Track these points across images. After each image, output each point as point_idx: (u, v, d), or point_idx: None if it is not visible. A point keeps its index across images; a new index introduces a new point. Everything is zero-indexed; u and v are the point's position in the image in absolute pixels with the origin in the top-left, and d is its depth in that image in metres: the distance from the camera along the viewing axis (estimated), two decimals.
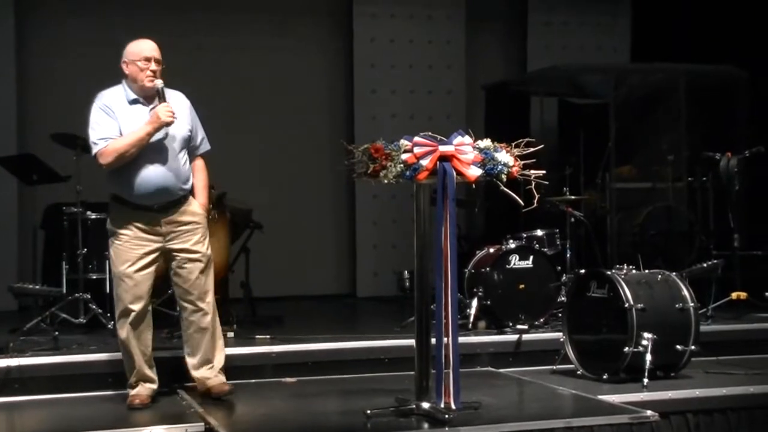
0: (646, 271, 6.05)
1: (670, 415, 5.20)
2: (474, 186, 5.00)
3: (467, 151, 4.66)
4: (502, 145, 4.75)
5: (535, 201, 4.74)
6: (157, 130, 5.04)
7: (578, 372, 5.89)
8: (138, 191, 5.07)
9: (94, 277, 7.13)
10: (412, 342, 4.88)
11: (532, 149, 4.77)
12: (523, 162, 4.75)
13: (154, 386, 5.24)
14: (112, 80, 9.46)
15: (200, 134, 5.47)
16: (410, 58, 10.29)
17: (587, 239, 8.51)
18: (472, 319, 6.86)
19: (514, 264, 7.10)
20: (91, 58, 9.33)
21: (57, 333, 6.11)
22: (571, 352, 5.95)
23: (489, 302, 6.95)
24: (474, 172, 4.65)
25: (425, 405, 4.68)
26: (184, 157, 5.27)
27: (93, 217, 7.24)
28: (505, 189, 4.73)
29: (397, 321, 6.89)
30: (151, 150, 5.07)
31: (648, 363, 5.48)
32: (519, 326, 6.71)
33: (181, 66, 9.43)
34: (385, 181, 4.65)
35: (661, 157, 9.00)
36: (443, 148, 4.61)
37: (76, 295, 6.81)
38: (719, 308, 7.23)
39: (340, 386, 5.72)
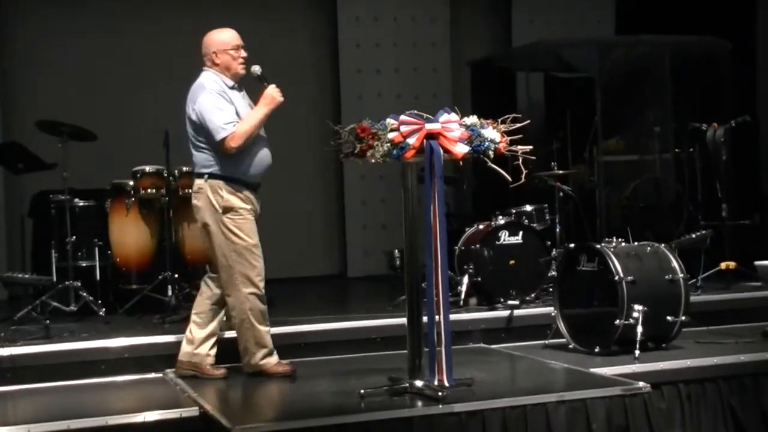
0: (636, 243, 6.06)
1: (662, 386, 5.24)
2: (462, 163, 5.00)
3: (454, 129, 4.65)
4: (488, 121, 4.75)
5: (523, 176, 4.74)
6: (272, 110, 5.32)
7: (570, 346, 5.91)
8: (254, 170, 5.35)
9: (84, 265, 7.12)
10: (403, 321, 4.89)
11: (518, 125, 4.77)
12: (510, 138, 4.75)
13: None
14: (96, 67, 9.47)
15: None
16: (395, 36, 10.25)
17: (576, 213, 8.52)
18: (463, 296, 6.87)
19: (504, 240, 7.11)
20: (74, 45, 9.30)
21: (48, 321, 6.10)
22: (563, 327, 5.97)
23: (480, 279, 6.96)
24: (461, 149, 4.65)
25: (418, 383, 4.70)
26: None
27: (81, 204, 7.23)
28: (493, 165, 4.73)
29: (388, 300, 6.90)
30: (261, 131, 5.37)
31: (639, 335, 5.50)
32: (510, 302, 6.73)
33: (164, 49, 9.46)
34: (373, 161, 4.65)
35: (647, 130, 9.00)
36: (430, 126, 4.61)
37: (66, 282, 6.78)
38: (709, 278, 7.27)
39: (332, 367, 5.73)
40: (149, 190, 7.05)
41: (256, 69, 5.40)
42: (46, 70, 9.20)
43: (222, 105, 5.27)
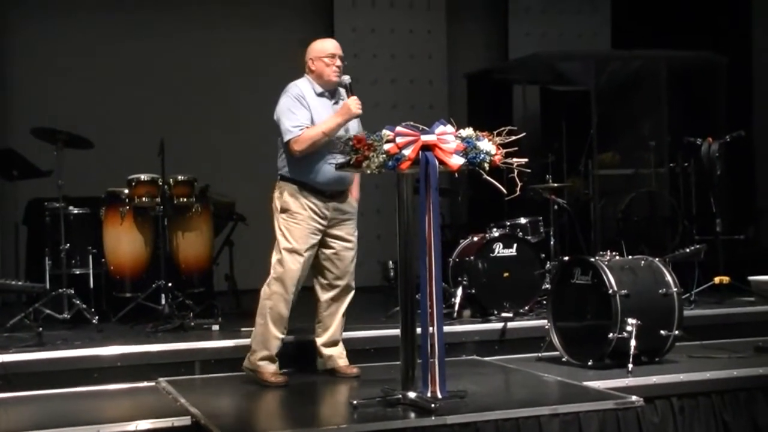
0: (630, 256, 6.06)
1: (655, 400, 5.23)
2: (457, 175, 5.01)
3: (449, 140, 4.66)
4: (484, 133, 4.75)
5: (518, 189, 4.74)
6: (347, 121, 5.34)
7: (563, 359, 5.91)
8: (320, 177, 5.39)
9: (78, 272, 7.10)
10: (397, 332, 4.88)
11: (514, 137, 4.78)
12: (505, 150, 4.76)
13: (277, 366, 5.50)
14: (92, 76, 9.47)
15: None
16: (391, 47, 10.28)
17: (570, 226, 8.53)
18: (457, 308, 6.87)
19: (498, 252, 7.11)
20: (70, 53, 9.30)
21: (41, 329, 6.07)
22: (556, 339, 5.97)
23: (474, 291, 6.96)
24: (456, 161, 4.65)
25: (411, 394, 4.69)
26: None
27: (75, 211, 7.22)
28: (488, 177, 4.73)
29: (382, 311, 6.89)
30: (334, 142, 5.26)
31: (632, 348, 5.50)
32: (504, 314, 6.73)
33: (160, 58, 9.47)
34: (368, 172, 4.66)
35: (642, 143, 9.03)
36: (425, 138, 4.61)
37: (60, 290, 6.77)
38: (702, 293, 7.28)
39: (326, 377, 5.71)
40: (144, 199, 7.04)
41: (345, 79, 5.44)
42: (42, 78, 9.20)
43: (295, 109, 5.38)
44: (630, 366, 5.47)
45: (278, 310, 5.44)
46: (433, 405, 4.53)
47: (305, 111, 5.40)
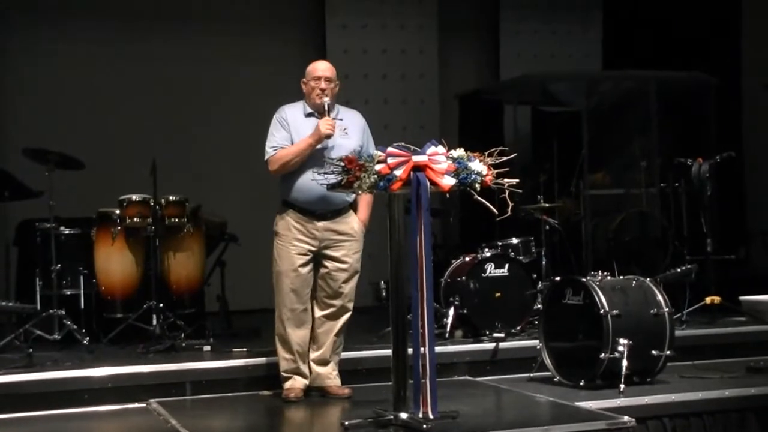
0: (621, 277, 6.07)
1: (647, 420, 5.24)
2: (448, 195, 5.01)
3: (441, 161, 4.67)
4: (475, 154, 4.76)
5: (510, 209, 4.75)
6: (318, 141, 5.38)
7: (555, 379, 5.90)
8: (302, 197, 5.46)
9: (69, 293, 7.07)
10: (389, 352, 4.87)
11: (505, 158, 4.79)
12: (496, 171, 4.77)
13: (306, 381, 5.57)
14: (83, 96, 9.47)
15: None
16: (383, 68, 10.31)
17: (562, 246, 8.54)
18: (448, 329, 6.86)
19: (490, 272, 7.11)
20: (60, 75, 9.30)
21: (31, 350, 6.05)
22: (548, 360, 5.96)
23: (465, 311, 6.95)
24: (448, 181, 4.66)
25: (403, 415, 4.68)
26: None
27: (66, 232, 7.19)
28: (479, 198, 4.74)
29: (373, 331, 6.88)
30: (319, 160, 5.23)
31: (624, 369, 5.51)
32: (495, 334, 6.72)
33: (152, 78, 9.48)
34: (359, 192, 4.66)
35: (633, 164, 9.06)
36: (416, 158, 4.62)
37: (51, 311, 6.73)
38: (694, 313, 7.28)
39: (317, 398, 5.70)
40: (135, 219, 7.02)
41: (325, 99, 5.50)
42: (34, 98, 9.20)
43: (275, 130, 5.55)
44: (622, 386, 5.47)
45: (278, 331, 5.54)
46: (424, 426, 4.52)
47: (284, 132, 5.50)
